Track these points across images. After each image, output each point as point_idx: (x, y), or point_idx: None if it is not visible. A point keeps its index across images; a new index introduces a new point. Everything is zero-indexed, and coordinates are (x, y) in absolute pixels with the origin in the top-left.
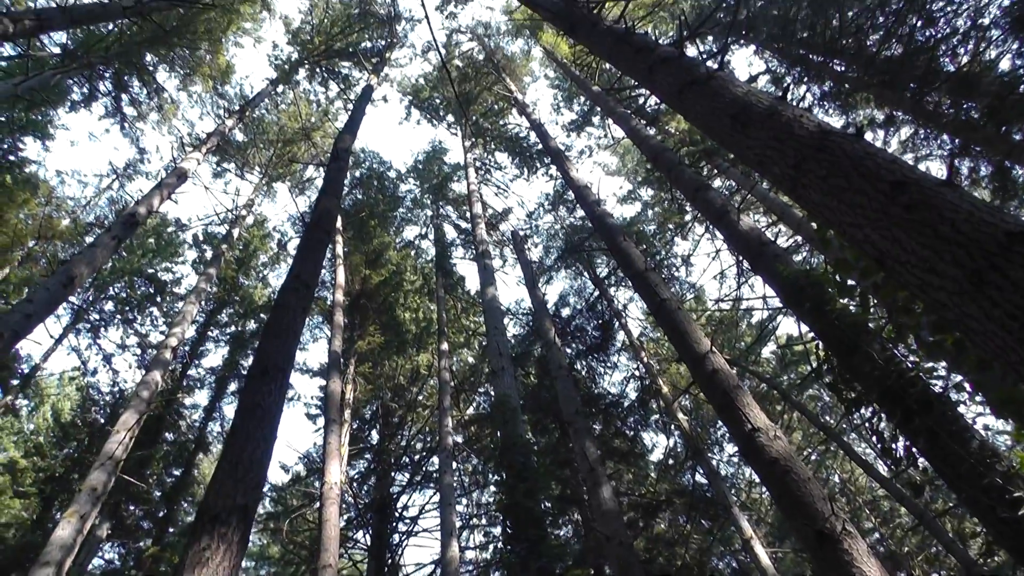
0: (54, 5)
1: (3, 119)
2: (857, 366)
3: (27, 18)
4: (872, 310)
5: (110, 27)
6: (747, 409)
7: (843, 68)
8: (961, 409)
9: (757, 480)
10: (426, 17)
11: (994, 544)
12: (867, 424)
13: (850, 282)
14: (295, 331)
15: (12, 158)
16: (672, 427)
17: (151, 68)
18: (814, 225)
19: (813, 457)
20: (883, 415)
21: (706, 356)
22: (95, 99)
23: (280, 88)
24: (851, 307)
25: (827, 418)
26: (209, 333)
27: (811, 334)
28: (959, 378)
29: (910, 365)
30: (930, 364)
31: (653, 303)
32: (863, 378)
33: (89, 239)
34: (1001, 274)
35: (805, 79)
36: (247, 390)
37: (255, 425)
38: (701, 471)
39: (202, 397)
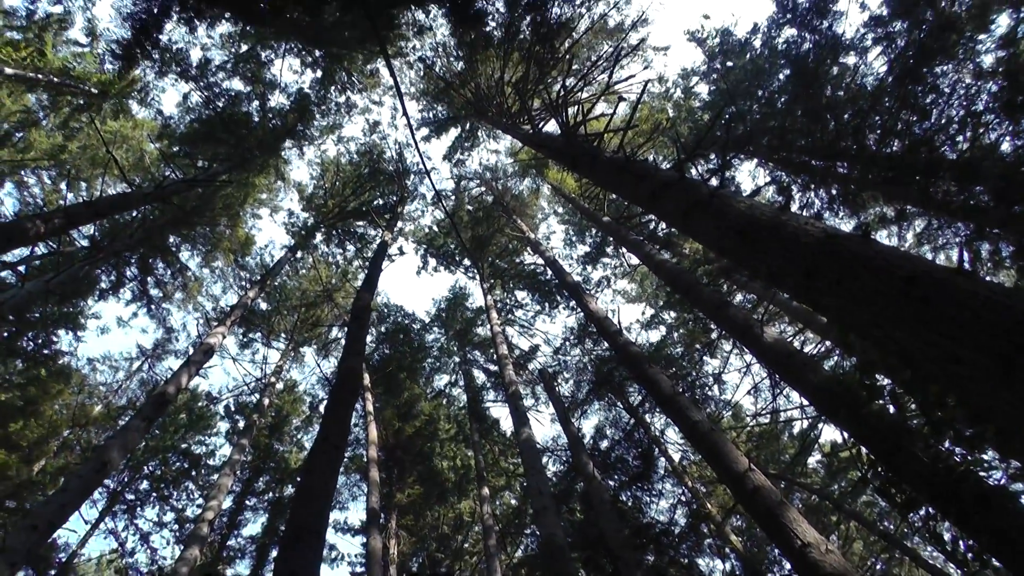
0: (81, 200)
1: (37, 315)
2: (903, 467)
3: (56, 217)
4: (909, 408)
5: (133, 214)
6: (795, 525)
7: (846, 169)
8: None
9: None
10: (428, 175)
11: None
12: (926, 527)
13: (881, 381)
14: (327, 493)
15: (46, 352)
16: (727, 550)
17: (174, 249)
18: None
19: (878, 567)
20: (940, 516)
21: (745, 474)
22: (122, 285)
23: (299, 254)
24: (886, 408)
25: (886, 524)
26: (246, 502)
27: (854, 440)
28: (1018, 464)
29: (958, 460)
30: (978, 456)
31: (686, 426)
32: (912, 479)
33: (122, 422)
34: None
35: (811, 185)
36: (281, 558)
37: None
38: None
39: (244, 567)
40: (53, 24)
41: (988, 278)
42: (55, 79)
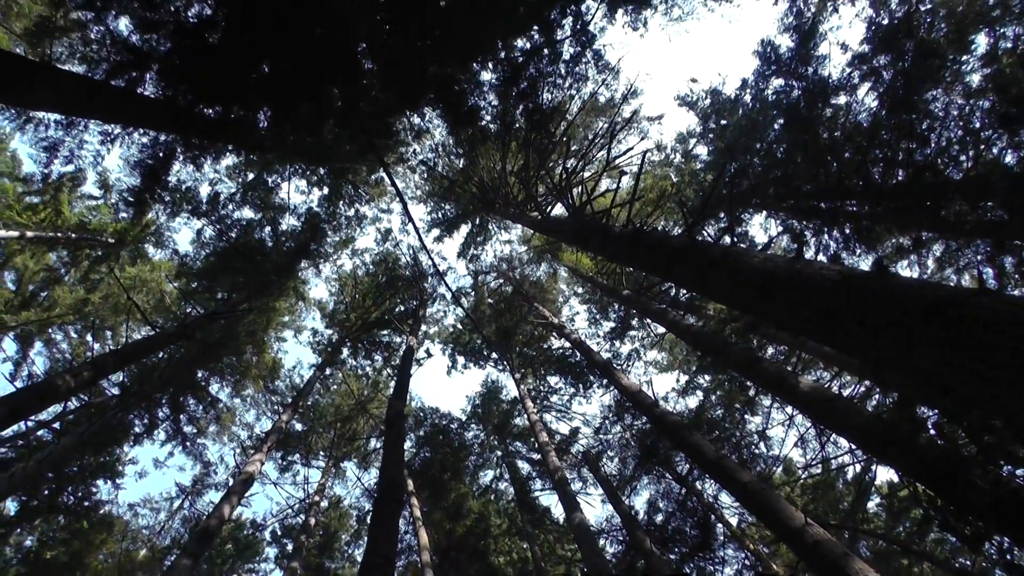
0: (107, 350)
1: (75, 469)
2: (964, 498)
3: (84, 370)
4: (959, 437)
5: (159, 355)
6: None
7: (856, 207)
8: None
9: None
10: (442, 278)
11: None
12: (1002, 558)
13: (924, 413)
14: None
15: (87, 503)
16: None
17: (203, 383)
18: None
19: None
20: (1013, 544)
21: (803, 529)
22: (156, 427)
23: (328, 370)
24: (935, 439)
25: (961, 560)
26: None
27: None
28: None
29: (1020, 482)
30: None
31: (736, 488)
32: (975, 509)
33: (168, 563)
34: None
35: (823, 228)
36: None
37: None
38: None
39: None
40: (67, 183)
41: (1017, 291)
42: (73, 235)
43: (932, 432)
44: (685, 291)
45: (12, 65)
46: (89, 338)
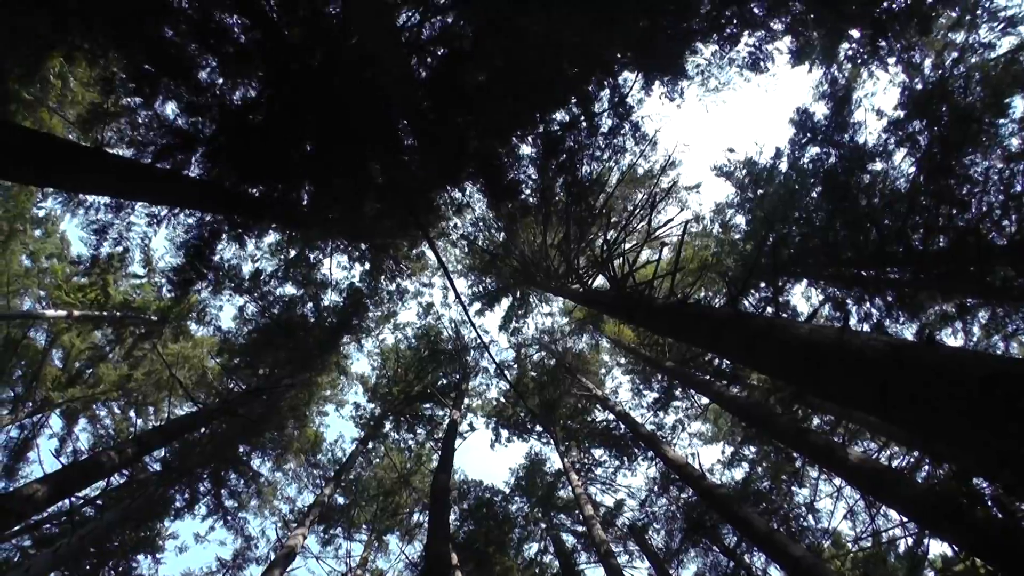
0: (151, 426)
1: (116, 544)
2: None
3: (128, 447)
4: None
5: (201, 431)
6: None
7: (898, 274)
8: None
9: None
10: (487, 349)
11: None
12: None
13: (980, 485)
14: None
15: None
16: None
17: (244, 457)
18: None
19: None
20: None
21: None
22: (197, 501)
23: (370, 444)
24: (992, 512)
25: None
26: None
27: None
28: None
29: None
30: None
31: (789, 564)
32: None
33: None
34: None
35: (865, 297)
36: None
37: None
38: None
39: None
40: (115, 263)
41: None
42: (118, 313)
43: (990, 504)
44: (730, 362)
45: (64, 151)
46: (132, 414)
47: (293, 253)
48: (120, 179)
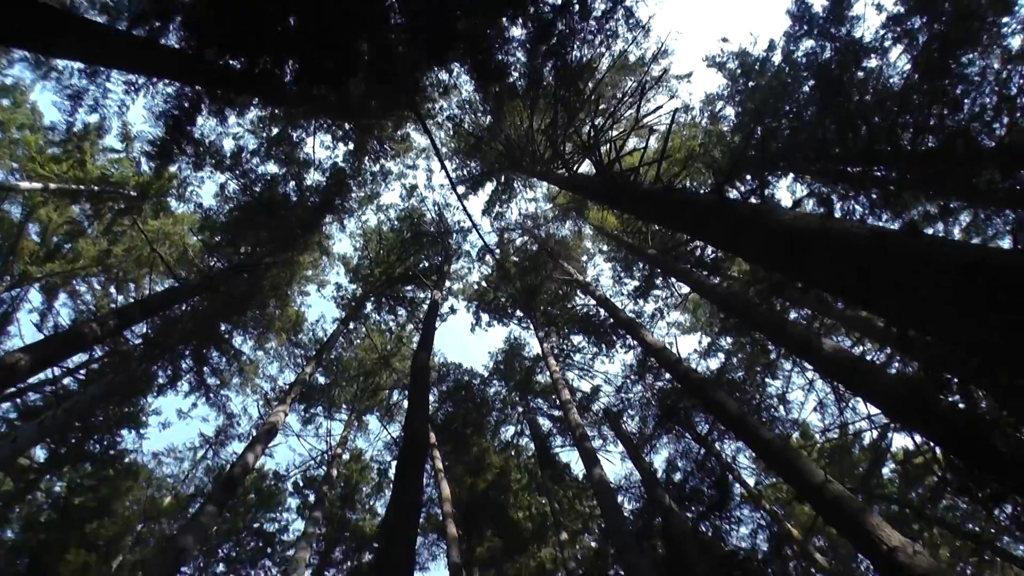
0: (132, 300)
1: (100, 418)
2: (983, 461)
3: (110, 319)
4: (980, 401)
5: (183, 307)
6: (879, 530)
7: (883, 172)
8: None
9: None
10: (475, 226)
11: None
12: (1014, 519)
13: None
14: (410, 546)
15: (112, 452)
16: (813, 570)
17: (226, 336)
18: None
19: (969, 572)
20: None
21: (822, 486)
22: (179, 378)
23: (351, 325)
24: (956, 404)
25: (970, 526)
26: (326, 573)
27: (927, 445)
28: None
29: None
30: None
31: (759, 446)
32: (994, 472)
33: (192, 510)
34: None
35: (850, 193)
36: None
37: None
38: None
39: None
40: (91, 134)
41: None
42: (96, 188)
43: (956, 396)
44: (714, 249)
45: (35, 13)
46: (113, 290)
47: (276, 131)
48: (97, 43)
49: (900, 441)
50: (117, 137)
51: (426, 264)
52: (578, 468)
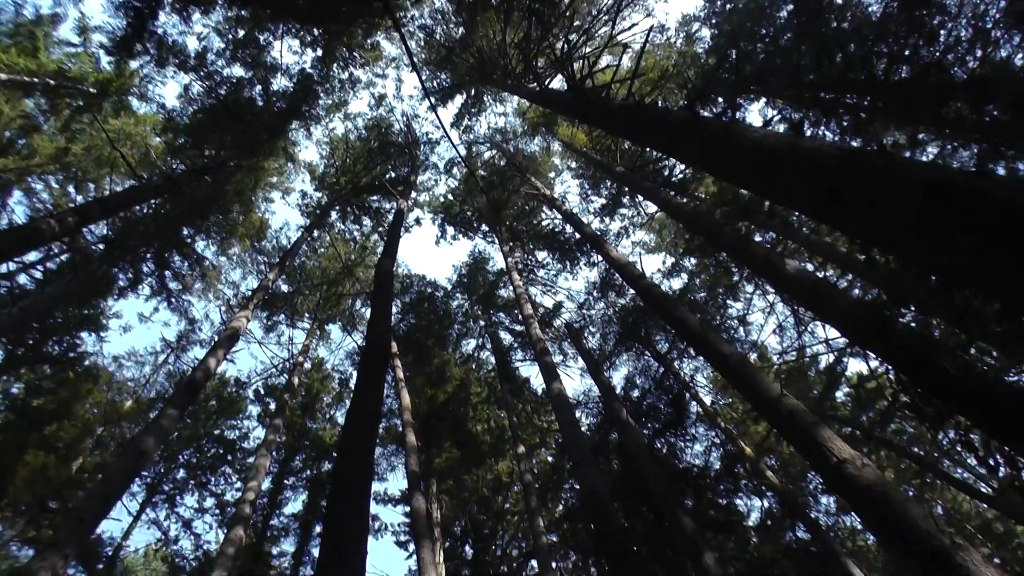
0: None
1: (59, 320)
2: (934, 382)
3: (69, 216)
4: (935, 324)
5: (145, 209)
6: (830, 443)
7: (855, 100)
8: None
9: (860, 527)
10: (444, 131)
11: None
12: (959, 439)
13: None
14: (368, 451)
15: (72, 354)
16: (763, 488)
17: (189, 240)
18: (861, 257)
19: (910, 493)
20: (971, 424)
21: (778, 400)
22: (140, 281)
23: (315, 233)
24: (912, 325)
25: (915, 449)
26: (285, 481)
27: (882, 367)
28: None
29: (986, 368)
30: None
31: (717, 360)
32: (943, 393)
33: (153, 415)
34: None
35: (822, 120)
36: (330, 512)
37: (343, 543)
38: (802, 526)
39: (289, 544)
40: (44, 23)
41: None
42: (51, 81)
43: (912, 319)
44: (682, 170)
45: None
46: (71, 190)
47: (242, 33)
48: None
49: (855, 366)
50: (74, 30)
51: (392, 175)
52: (538, 383)
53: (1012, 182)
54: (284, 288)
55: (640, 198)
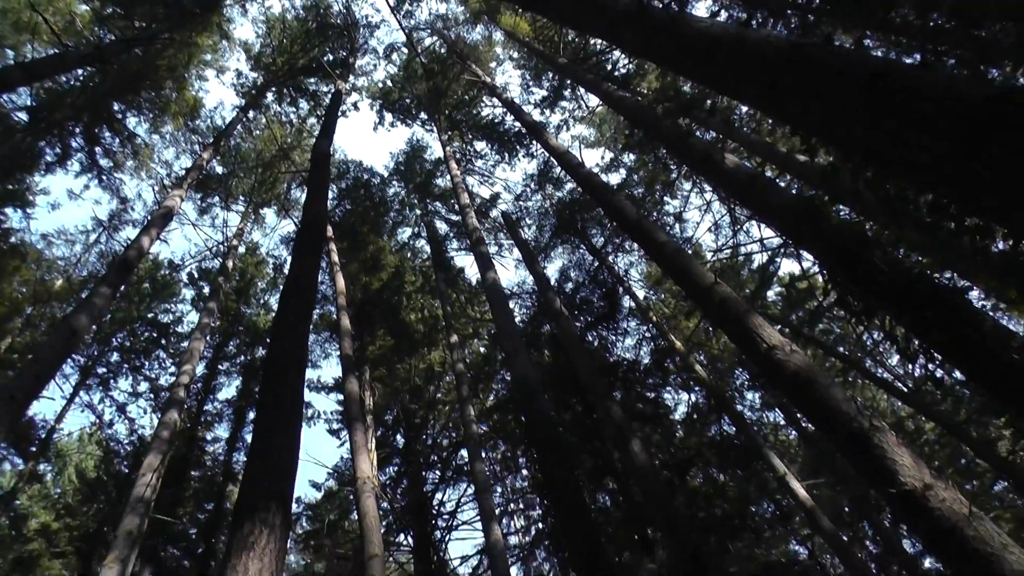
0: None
1: None
2: (863, 277)
3: None
4: (870, 224)
5: (72, 81)
6: (760, 330)
7: (804, 1)
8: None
9: (783, 422)
10: (393, 12)
11: (1019, 424)
12: (885, 334)
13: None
14: (304, 327)
15: None
16: (691, 383)
17: (120, 116)
18: (801, 157)
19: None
20: (896, 318)
21: (711, 288)
22: (69, 157)
23: (251, 114)
24: (847, 221)
25: (840, 349)
26: (219, 367)
27: (814, 267)
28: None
29: (913, 264)
30: (936, 264)
31: (653, 249)
32: (871, 287)
33: (84, 295)
34: (989, 138)
35: (768, 20)
36: (265, 386)
37: (278, 418)
38: (727, 420)
39: (223, 430)
40: None
41: None
42: None
43: (846, 216)
44: (625, 63)
45: None
46: None
47: None
48: None
49: (787, 267)
50: None
51: (331, 57)
52: (472, 273)
53: (951, 75)
54: (219, 170)
55: (582, 90)
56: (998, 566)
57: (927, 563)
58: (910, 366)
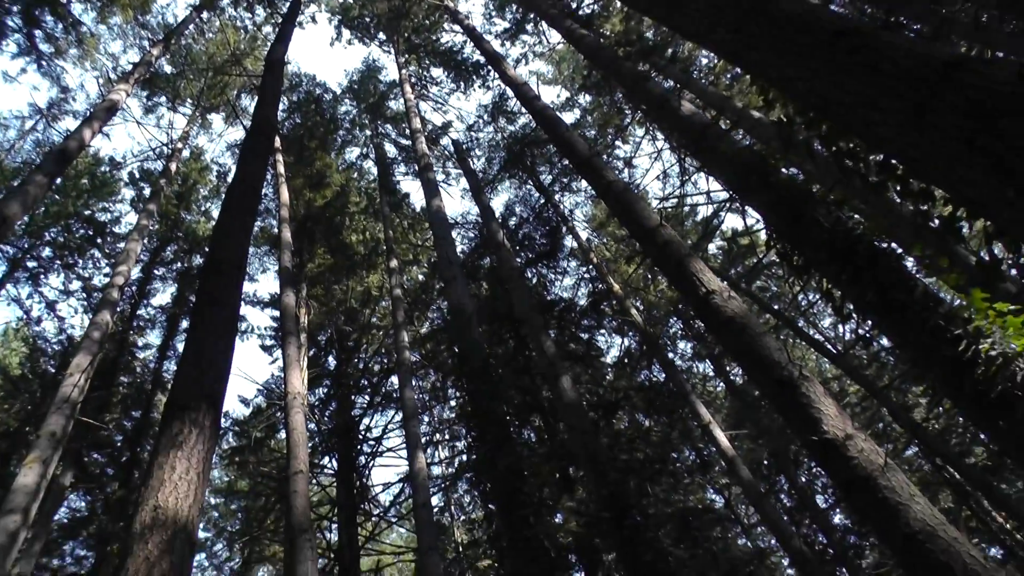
0: None
1: None
2: (805, 234)
3: None
4: (816, 187)
5: None
6: (700, 274)
7: None
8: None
9: (713, 373)
10: None
11: (938, 391)
12: (821, 292)
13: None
14: (246, 229)
15: None
16: (626, 327)
17: (64, 1)
18: (756, 113)
19: None
20: (832, 283)
21: (656, 229)
22: (5, 36)
23: (205, 15)
24: (796, 176)
25: (776, 307)
26: (155, 272)
27: (757, 224)
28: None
29: (854, 226)
30: (874, 228)
31: (600, 186)
32: (812, 245)
33: (17, 182)
34: (941, 101)
35: None
36: (203, 287)
37: (214, 319)
38: (657, 366)
39: (155, 337)
40: None
41: None
42: None
43: (798, 156)
44: (591, 2)
45: None
46: None
47: None
48: None
49: (731, 222)
50: None
51: None
52: (418, 199)
53: (914, 39)
54: (168, 69)
55: (544, 26)
56: (905, 514)
57: (836, 519)
58: (841, 328)
